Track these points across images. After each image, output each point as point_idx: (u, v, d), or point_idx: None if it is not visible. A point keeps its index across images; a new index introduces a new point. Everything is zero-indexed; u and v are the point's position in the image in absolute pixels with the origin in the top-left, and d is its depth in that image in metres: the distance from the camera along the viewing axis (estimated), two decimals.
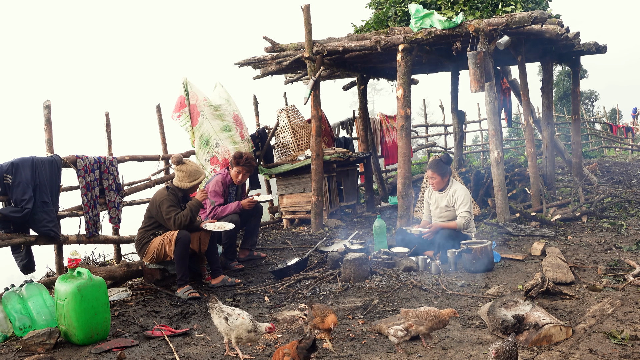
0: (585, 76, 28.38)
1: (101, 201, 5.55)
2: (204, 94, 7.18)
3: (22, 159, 4.70)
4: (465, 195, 5.48)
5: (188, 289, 4.66)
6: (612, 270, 4.64)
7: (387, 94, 50.22)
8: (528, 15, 6.30)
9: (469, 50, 6.51)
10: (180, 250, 4.66)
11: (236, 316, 3.15)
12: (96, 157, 5.52)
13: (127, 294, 4.90)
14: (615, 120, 26.08)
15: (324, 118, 9.56)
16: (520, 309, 3.29)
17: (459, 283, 4.55)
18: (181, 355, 3.32)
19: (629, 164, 13.80)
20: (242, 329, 3.11)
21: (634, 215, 7.14)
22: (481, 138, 18.51)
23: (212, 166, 7.01)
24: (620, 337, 3.08)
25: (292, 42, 7.98)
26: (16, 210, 4.53)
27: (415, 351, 3.12)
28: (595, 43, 8.80)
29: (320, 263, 5.34)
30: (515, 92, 9.57)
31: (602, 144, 21.87)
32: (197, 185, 5.01)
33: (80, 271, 3.73)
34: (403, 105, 6.99)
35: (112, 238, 5.80)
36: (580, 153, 9.79)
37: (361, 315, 3.86)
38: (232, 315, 3.15)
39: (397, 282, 4.65)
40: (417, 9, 6.87)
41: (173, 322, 4.03)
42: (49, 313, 3.95)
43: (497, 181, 6.87)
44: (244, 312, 3.20)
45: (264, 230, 8.22)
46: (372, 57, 8.31)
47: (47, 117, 5.09)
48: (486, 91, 6.69)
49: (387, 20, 7.90)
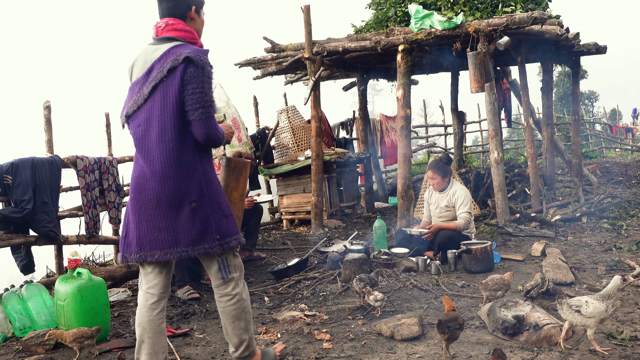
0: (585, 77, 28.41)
1: (101, 202, 5.55)
2: None
3: (22, 160, 4.70)
4: (466, 195, 5.48)
5: (188, 290, 4.66)
6: (612, 270, 4.64)
7: (387, 94, 50.26)
8: (528, 15, 6.30)
9: (469, 50, 6.51)
10: None
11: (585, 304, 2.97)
12: (96, 157, 5.53)
13: (127, 294, 4.90)
14: (615, 121, 26.10)
15: (323, 118, 9.56)
16: (520, 310, 3.29)
17: (459, 284, 4.55)
18: (181, 355, 3.32)
19: (629, 164, 13.80)
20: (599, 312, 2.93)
21: (634, 215, 7.13)
22: (481, 138, 18.52)
23: None
24: (620, 338, 3.08)
25: (292, 42, 7.99)
26: (16, 211, 4.53)
27: (415, 351, 3.12)
28: (595, 43, 8.80)
29: (320, 263, 5.34)
30: (515, 92, 9.57)
31: (602, 144, 21.88)
32: None
33: (80, 272, 3.73)
34: (403, 105, 6.99)
35: (112, 238, 5.80)
36: (580, 153, 9.79)
37: (361, 315, 3.86)
38: (582, 306, 2.97)
39: (397, 282, 4.65)
40: (417, 10, 6.88)
41: (173, 322, 4.03)
42: (49, 313, 3.95)
43: (497, 182, 6.87)
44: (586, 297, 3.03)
45: (263, 230, 8.22)
46: (372, 57, 8.32)
47: (47, 117, 5.09)
48: (486, 92, 6.70)
49: (387, 21, 7.90)
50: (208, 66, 2.56)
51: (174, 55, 2.52)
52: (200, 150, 2.63)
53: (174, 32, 2.62)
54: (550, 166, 9.03)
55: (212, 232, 2.61)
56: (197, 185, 2.59)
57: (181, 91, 2.52)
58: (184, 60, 2.50)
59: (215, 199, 2.65)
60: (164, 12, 2.67)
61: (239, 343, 2.79)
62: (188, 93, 2.51)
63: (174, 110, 2.53)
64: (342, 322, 3.75)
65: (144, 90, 2.58)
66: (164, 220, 2.58)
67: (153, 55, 2.60)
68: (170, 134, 2.54)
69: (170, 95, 2.53)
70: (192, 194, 2.57)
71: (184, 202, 2.57)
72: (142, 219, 2.60)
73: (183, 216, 2.57)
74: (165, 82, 2.53)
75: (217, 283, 2.74)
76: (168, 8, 2.65)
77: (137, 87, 2.62)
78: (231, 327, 2.77)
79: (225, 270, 2.72)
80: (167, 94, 2.53)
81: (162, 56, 2.56)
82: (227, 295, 2.73)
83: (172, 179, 2.55)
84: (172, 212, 2.57)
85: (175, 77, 2.52)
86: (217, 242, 2.62)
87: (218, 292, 2.76)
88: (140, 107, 2.59)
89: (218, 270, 2.70)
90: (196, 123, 2.53)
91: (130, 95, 2.65)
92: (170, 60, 2.52)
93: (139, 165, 2.63)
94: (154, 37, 2.67)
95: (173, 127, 2.53)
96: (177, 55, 2.51)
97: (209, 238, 2.60)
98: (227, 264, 2.72)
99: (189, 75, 2.51)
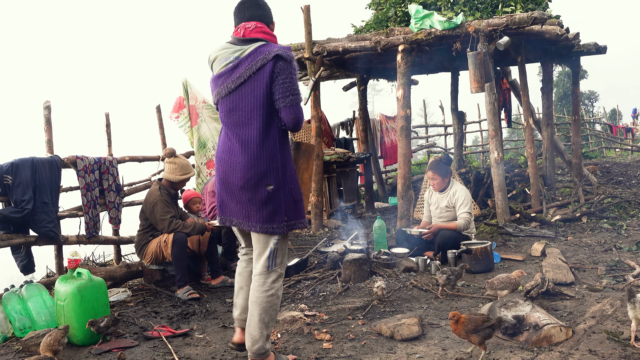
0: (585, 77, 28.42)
1: (101, 202, 5.55)
2: (203, 96, 7.18)
3: (22, 160, 4.70)
4: (466, 195, 5.48)
5: (188, 290, 4.65)
6: (612, 270, 4.64)
7: (387, 94, 50.22)
8: (528, 15, 6.30)
9: (469, 50, 6.51)
10: (178, 252, 4.64)
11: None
12: (96, 157, 5.52)
13: (127, 294, 4.89)
14: (615, 121, 26.10)
15: (324, 119, 9.57)
16: (520, 310, 3.29)
17: (459, 283, 4.55)
18: (181, 355, 3.32)
19: (629, 164, 13.80)
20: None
21: (634, 215, 7.14)
22: (481, 138, 18.52)
23: (207, 170, 6.99)
24: (620, 338, 3.08)
25: (292, 42, 7.98)
26: (16, 211, 4.53)
27: (415, 352, 3.12)
28: (595, 44, 8.80)
29: (320, 264, 5.34)
30: (515, 92, 9.57)
31: (602, 144, 21.88)
32: (186, 180, 5.00)
33: (80, 272, 3.73)
34: (403, 105, 6.99)
35: (112, 239, 5.80)
36: (580, 153, 9.79)
37: (361, 315, 3.86)
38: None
39: (397, 282, 4.65)
40: (417, 10, 6.88)
41: (173, 322, 4.03)
42: (49, 314, 3.95)
43: (497, 182, 6.87)
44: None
45: None
46: (372, 57, 8.31)
47: (47, 117, 5.09)
48: (486, 92, 6.70)
49: (387, 21, 7.90)
50: (294, 61, 2.86)
51: (264, 54, 2.82)
52: (281, 139, 2.89)
53: (261, 34, 2.93)
54: (550, 166, 9.03)
55: (281, 214, 2.86)
56: (275, 171, 2.84)
57: (270, 84, 2.80)
58: (274, 57, 2.79)
59: (288, 184, 2.89)
60: (252, 17, 2.97)
61: (258, 337, 2.86)
62: (278, 83, 2.80)
63: (262, 101, 2.82)
64: (342, 322, 3.75)
65: (229, 84, 2.87)
66: (240, 196, 2.87)
67: (238, 52, 2.89)
68: (257, 123, 2.82)
69: (259, 88, 2.82)
70: (269, 178, 2.83)
71: (260, 184, 2.82)
72: (224, 189, 2.94)
73: (258, 196, 2.83)
74: (254, 77, 2.82)
75: (260, 271, 2.89)
76: (258, 15, 2.99)
77: (219, 80, 2.92)
78: (257, 319, 2.85)
79: (272, 260, 2.90)
80: (256, 87, 2.82)
81: (251, 54, 2.85)
82: (265, 285, 2.87)
83: (254, 162, 2.82)
84: (249, 191, 2.83)
85: (264, 72, 2.80)
86: (284, 224, 2.86)
87: (257, 281, 2.89)
88: (225, 98, 2.90)
89: (267, 257, 2.88)
90: (287, 109, 2.81)
91: (215, 86, 2.97)
92: (261, 57, 2.81)
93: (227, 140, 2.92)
94: (238, 37, 2.94)
95: (260, 116, 2.82)
96: (267, 53, 2.81)
97: (277, 219, 2.85)
98: (276, 255, 2.91)
99: (278, 68, 2.79)
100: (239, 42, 2.92)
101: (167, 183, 4.94)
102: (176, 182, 4.94)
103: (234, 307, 3.12)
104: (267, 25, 3.01)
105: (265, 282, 2.87)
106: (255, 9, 2.99)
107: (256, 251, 2.91)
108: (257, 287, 2.87)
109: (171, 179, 4.91)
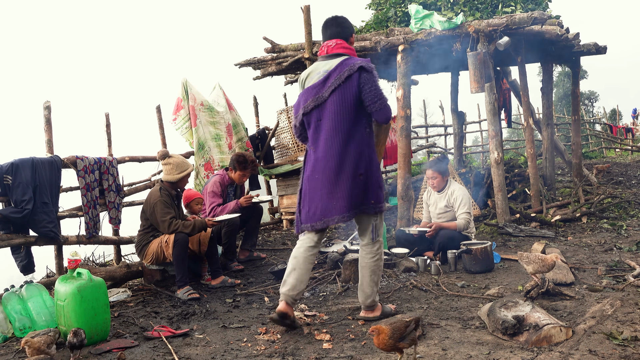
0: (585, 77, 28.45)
1: (101, 202, 5.55)
2: (202, 97, 7.18)
3: (22, 160, 4.70)
4: (465, 196, 5.48)
5: (188, 290, 4.65)
6: (612, 270, 4.64)
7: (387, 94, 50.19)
8: (528, 16, 6.30)
9: (469, 51, 6.51)
10: (179, 252, 4.65)
11: None
12: (96, 157, 5.52)
13: (127, 294, 4.89)
14: (615, 121, 26.08)
15: None
16: (520, 310, 3.29)
17: (459, 284, 4.55)
18: (181, 356, 3.32)
19: (629, 164, 13.79)
20: None
21: (634, 215, 7.14)
22: (481, 139, 18.52)
23: (205, 172, 6.99)
24: (620, 338, 3.08)
25: (292, 42, 7.98)
26: (16, 211, 4.53)
27: (415, 352, 3.12)
28: (595, 44, 8.79)
29: (320, 264, 5.34)
30: (515, 92, 9.57)
31: (602, 144, 21.87)
32: (186, 176, 4.98)
33: (80, 272, 3.72)
34: (403, 105, 6.99)
35: (112, 239, 5.80)
36: (580, 154, 9.78)
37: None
38: None
39: (397, 282, 4.65)
40: (417, 10, 6.87)
41: (173, 322, 4.03)
42: (49, 314, 3.95)
43: (497, 182, 6.87)
44: None
45: (263, 230, 8.22)
46: (372, 57, 8.31)
47: (47, 117, 5.08)
48: (486, 92, 6.69)
49: (387, 21, 7.90)
50: (374, 70, 3.46)
51: (349, 66, 3.42)
52: (367, 135, 3.53)
53: (342, 50, 3.54)
54: (550, 166, 9.03)
55: (370, 197, 3.49)
56: (364, 163, 3.47)
57: (358, 91, 3.42)
58: (358, 69, 3.41)
59: (374, 173, 3.53)
60: (333, 35, 3.59)
61: (370, 293, 3.62)
62: (366, 91, 3.42)
63: (351, 106, 3.43)
64: (342, 322, 3.75)
65: (323, 93, 3.47)
66: (342, 191, 3.43)
67: (326, 67, 3.51)
68: (348, 125, 3.44)
69: (349, 95, 3.42)
70: (361, 168, 3.45)
71: (355, 174, 3.44)
72: (324, 193, 3.47)
73: (354, 184, 3.44)
74: (343, 85, 3.42)
75: (366, 242, 3.60)
76: (337, 32, 3.59)
77: (313, 91, 3.50)
78: (367, 279, 3.59)
79: (375, 232, 3.58)
80: (346, 95, 3.42)
81: (337, 67, 3.46)
82: (372, 253, 3.59)
83: (348, 157, 3.43)
84: (347, 182, 3.42)
85: (352, 81, 3.41)
86: (372, 205, 3.49)
87: (364, 250, 3.61)
88: (318, 106, 3.49)
89: (370, 231, 3.57)
90: (378, 112, 3.45)
91: (306, 98, 3.54)
92: (347, 69, 3.42)
93: (318, 151, 3.50)
94: (323, 55, 3.57)
95: (350, 119, 3.44)
96: (352, 65, 3.42)
97: (368, 202, 3.48)
98: (377, 228, 3.58)
99: (364, 79, 3.42)
100: (325, 58, 3.55)
101: (168, 184, 4.95)
102: (175, 181, 4.94)
103: (283, 285, 3.57)
104: (347, 40, 3.60)
105: (372, 250, 3.58)
106: (334, 27, 3.60)
107: (361, 228, 3.60)
108: (366, 255, 3.60)
109: (169, 179, 4.92)
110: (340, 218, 3.42)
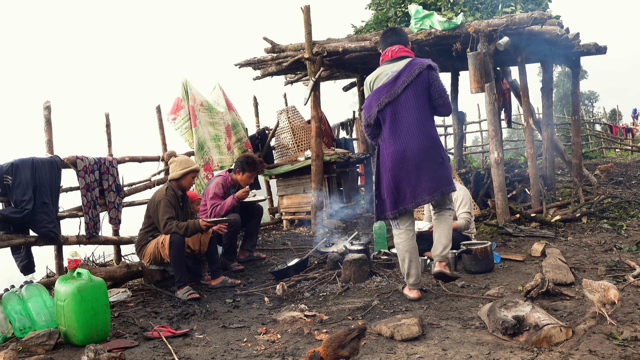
0: (585, 77, 28.46)
1: (101, 202, 5.55)
2: (202, 98, 7.17)
3: (22, 160, 4.70)
4: (465, 196, 5.48)
5: (188, 290, 4.65)
6: (612, 271, 4.63)
7: None
8: (528, 16, 6.30)
9: (469, 51, 6.51)
10: (175, 253, 4.64)
11: None
12: (96, 158, 5.53)
13: (127, 294, 4.89)
14: (615, 121, 26.08)
15: (323, 119, 9.56)
16: (520, 310, 3.29)
17: (459, 284, 4.55)
18: (180, 356, 3.32)
19: (629, 164, 13.79)
20: None
21: (634, 216, 7.13)
22: (481, 139, 18.52)
23: (205, 173, 6.99)
24: (620, 338, 3.08)
25: (292, 42, 7.98)
26: (16, 211, 4.53)
27: (415, 352, 3.12)
28: (595, 44, 8.80)
29: (320, 264, 5.34)
30: (515, 93, 9.57)
31: (602, 144, 21.86)
32: (189, 173, 4.94)
33: (80, 272, 3.73)
34: None
35: (112, 239, 5.80)
36: (580, 154, 9.78)
37: (361, 316, 3.86)
38: None
39: (397, 283, 4.65)
40: (417, 10, 6.87)
41: (173, 323, 4.03)
42: (49, 314, 3.95)
43: (497, 182, 6.87)
44: None
45: (264, 231, 8.22)
46: (372, 58, 8.31)
47: (47, 117, 5.09)
48: (486, 92, 6.69)
49: (387, 21, 7.90)
50: (438, 69, 3.96)
51: (418, 64, 3.88)
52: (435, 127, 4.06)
53: (405, 52, 4.05)
54: (550, 166, 9.02)
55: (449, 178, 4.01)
56: (441, 149, 4.01)
57: (428, 87, 3.89)
58: (427, 67, 3.88)
59: (447, 158, 4.05)
60: (394, 42, 4.08)
61: (446, 244, 4.12)
62: (433, 88, 3.90)
63: (425, 100, 3.90)
64: (342, 322, 3.75)
65: (396, 89, 3.88)
66: (427, 174, 3.90)
67: (394, 68, 3.95)
68: (425, 116, 3.92)
69: (422, 90, 3.88)
70: (439, 154, 3.96)
71: (437, 159, 3.94)
72: (412, 178, 3.91)
73: (437, 168, 3.93)
74: (416, 81, 3.86)
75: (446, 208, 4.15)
76: (398, 40, 4.08)
77: (385, 89, 3.92)
78: (446, 233, 4.13)
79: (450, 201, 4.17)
80: (419, 90, 3.87)
81: (406, 66, 3.90)
82: (449, 211, 4.16)
83: (429, 145, 3.91)
84: (432, 166, 3.91)
85: (423, 77, 3.87)
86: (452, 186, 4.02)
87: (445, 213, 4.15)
88: (392, 101, 3.89)
89: (447, 202, 4.14)
90: (443, 106, 3.95)
91: (378, 97, 3.95)
92: (417, 67, 3.87)
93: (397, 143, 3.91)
94: (388, 59, 4.04)
95: (426, 110, 3.92)
96: (421, 64, 3.88)
97: (450, 182, 4.00)
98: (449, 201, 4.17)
99: (432, 76, 3.90)
100: (391, 61, 4.01)
101: (174, 183, 4.95)
102: (179, 177, 4.93)
103: (408, 277, 4.13)
104: (406, 45, 4.10)
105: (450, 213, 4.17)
106: (394, 36, 4.10)
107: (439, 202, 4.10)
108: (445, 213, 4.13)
109: (174, 176, 4.93)
110: (430, 198, 3.90)
